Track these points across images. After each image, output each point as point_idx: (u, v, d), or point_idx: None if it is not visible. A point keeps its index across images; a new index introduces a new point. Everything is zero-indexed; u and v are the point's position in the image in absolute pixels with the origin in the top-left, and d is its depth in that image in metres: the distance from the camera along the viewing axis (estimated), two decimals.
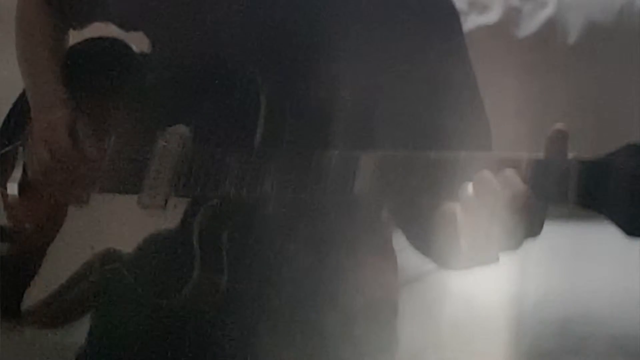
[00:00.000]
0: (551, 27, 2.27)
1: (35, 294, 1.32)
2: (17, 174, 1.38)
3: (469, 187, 0.96)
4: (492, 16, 2.28)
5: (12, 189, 1.38)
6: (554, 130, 0.95)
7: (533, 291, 1.75)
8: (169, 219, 1.19)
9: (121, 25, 1.41)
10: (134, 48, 1.38)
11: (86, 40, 1.45)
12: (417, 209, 1.16)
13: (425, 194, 1.03)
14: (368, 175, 1.06)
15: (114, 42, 1.39)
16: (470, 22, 2.25)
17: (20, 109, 1.43)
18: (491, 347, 1.57)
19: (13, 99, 1.48)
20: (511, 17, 2.28)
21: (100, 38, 1.43)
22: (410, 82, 1.20)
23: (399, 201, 1.19)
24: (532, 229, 0.94)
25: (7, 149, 1.43)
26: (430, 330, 1.71)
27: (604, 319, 1.78)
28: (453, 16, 1.28)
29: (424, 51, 1.22)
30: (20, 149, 1.40)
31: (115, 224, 1.26)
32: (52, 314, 1.31)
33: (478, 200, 0.95)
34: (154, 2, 1.33)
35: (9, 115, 1.47)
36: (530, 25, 2.27)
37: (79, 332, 1.32)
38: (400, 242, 1.30)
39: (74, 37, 1.48)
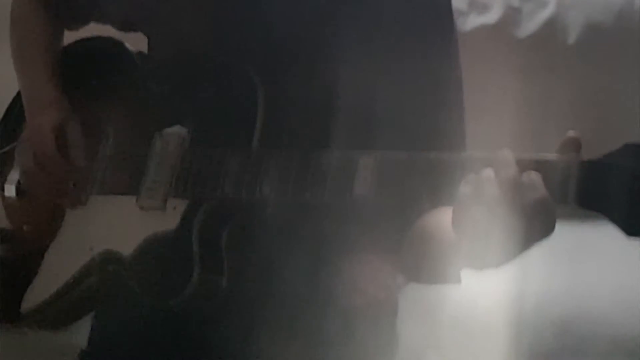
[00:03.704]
0: (551, 27, 2.27)
1: (35, 295, 1.32)
2: (15, 175, 1.38)
3: (470, 187, 0.96)
4: (492, 16, 2.28)
5: (10, 190, 1.38)
6: (566, 137, 0.95)
7: (533, 291, 1.75)
8: (168, 220, 1.19)
9: (118, 26, 1.41)
10: (130, 48, 1.38)
11: (82, 40, 1.45)
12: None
13: (425, 195, 1.03)
14: (367, 176, 1.06)
15: (110, 42, 1.39)
16: (470, 22, 2.25)
17: (18, 109, 1.42)
18: (491, 347, 1.57)
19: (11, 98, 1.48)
20: (511, 17, 2.27)
21: (96, 38, 1.43)
22: (407, 82, 1.20)
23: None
24: (547, 231, 0.95)
25: (4, 149, 1.43)
26: (430, 330, 1.71)
27: (604, 319, 1.78)
28: (447, 16, 1.28)
29: (417, 51, 1.22)
30: (18, 150, 1.40)
31: (115, 226, 1.26)
32: (52, 315, 1.31)
33: (481, 200, 0.95)
34: (152, 4, 1.33)
35: (5, 117, 1.47)
36: (530, 25, 2.27)
37: (79, 333, 1.32)
38: None
39: (70, 37, 1.48)
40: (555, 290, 1.79)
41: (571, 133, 0.96)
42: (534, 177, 0.94)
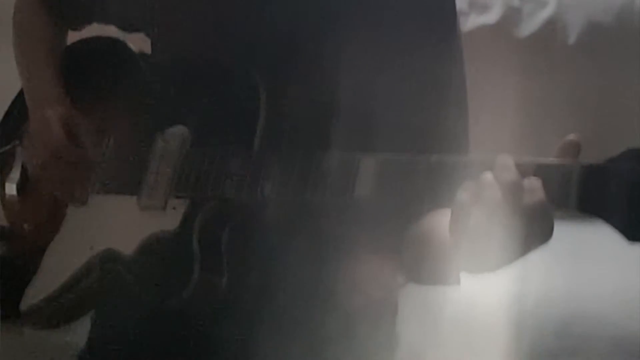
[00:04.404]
0: (551, 27, 2.27)
1: (35, 294, 1.32)
2: (16, 174, 1.38)
3: (469, 191, 0.96)
4: (492, 16, 2.28)
5: (11, 189, 1.38)
6: (566, 141, 0.95)
7: (533, 291, 1.75)
8: (169, 220, 1.19)
9: (121, 27, 1.41)
10: (133, 48, 1.38)
11: (84, 39, 1.45)
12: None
13: (426, 197, 1.03)
14: (369, 178, 1.06)
15: (112, 41, 1.39)
16: (470, 22, 2.25)
17: (19, 109, 1.42)
18: (491, 347, 1.57)
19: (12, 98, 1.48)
20: (511, 17, 2.28)
21: (98, 37, 1.43)
22: (409, 83, 1.20)
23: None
24: (546, 236, 0.94)
25: (5, 148, 1.42)
26: (430, 330, 1.71)
27: (604, 319, 1.78)
28: (451, 17, 1.28)
29: (421, 52, 1.22)
30: (19, 148, 1.40)
31: (115, 225, 1.26)
32: (51, 314, 1.31)
33: (480, 204, 0.94)
34: (154, 5, 1.33)
35: (6, 115, 1.47)
36: (530, 25, 2.27)
37: (79, 332, 1.32)
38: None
39: (73, 36, 1.48)
40: (555, 290, 1.79)
41: (571, 137, 0.95)
42: (534, 182, 0.93)
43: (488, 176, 0.95)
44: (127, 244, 1.21)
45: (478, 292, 1.61)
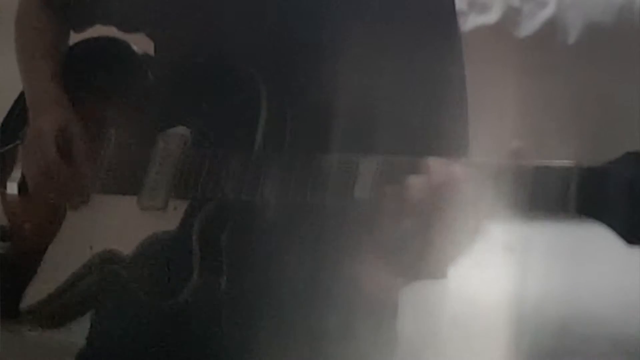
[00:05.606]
0: (551, 27, 2.27)
1: (34, 293, 1.32)
2: (17, 173, 1.38)
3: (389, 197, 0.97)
4: (492, 16, 2.28)
5: (12, 188, 1.38)
6: (511, 149, 0.96)
7: (533, 291, 1.75)
8: (169, 220, 1.19)
9: (123, 28, 1.41)
10: (135, 49, 1.38)
11: (87, 39, 1.45)
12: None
13: None
14: (369, 179, 1.06)
15: (114, 42, 1.39)
16: (470, 22, 2.25)
17: (21, 108, 1.42)
18: (491, 347, 1.57)
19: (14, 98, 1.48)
20: (511, 17, 2.28)
21: (100, 38, 1.43)
22: (409, 83, 1.20)
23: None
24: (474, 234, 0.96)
25: (6, 147, 1.43)
26: (430, 330, 1.71)
27: (604, 319, 1.78)
28: (451, 16, 1.28)
29: (421, 52, 1.22)
30: (20, 148, 1.40)
31: (115, 225, 1.26)
32: (51, 314, 1.31)
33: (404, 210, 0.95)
34: (156, 5, 1.33)
35: (9, 114, 1.47)
36: (530, 25, 2.28)
37: (79, 332, 1.32)
38: None
39: (75, 36, 1.48)
40: (555, 290, 1.79)
41: (514, 145, 0.96)
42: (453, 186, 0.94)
43: (412, 181, 0.96)
44: (127, 244, 1.21)
45: (478, 292, 1.61)
